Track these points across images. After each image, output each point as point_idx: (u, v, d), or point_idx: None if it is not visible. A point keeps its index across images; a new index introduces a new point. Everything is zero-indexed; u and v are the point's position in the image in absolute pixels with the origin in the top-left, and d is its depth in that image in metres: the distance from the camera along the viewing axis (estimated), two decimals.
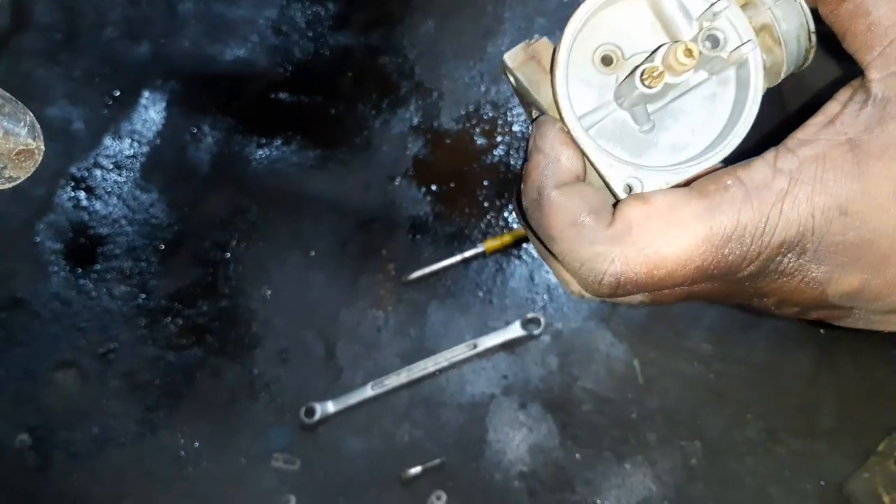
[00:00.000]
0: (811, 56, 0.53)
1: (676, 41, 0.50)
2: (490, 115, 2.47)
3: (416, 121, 2.48)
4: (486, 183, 2.36)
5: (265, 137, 2.53)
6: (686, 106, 0.53)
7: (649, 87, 0.49)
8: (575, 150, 0.50)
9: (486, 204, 2.33)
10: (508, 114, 2.46)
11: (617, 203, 0.48)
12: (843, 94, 0.47)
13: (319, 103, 2.57)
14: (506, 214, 2.31)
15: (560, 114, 0.51)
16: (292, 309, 2.25)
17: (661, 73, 0.49)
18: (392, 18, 2.64)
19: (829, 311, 0.51)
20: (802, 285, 0.48)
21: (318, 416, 2.10)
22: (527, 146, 0.52)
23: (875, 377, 2.02)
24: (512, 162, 2.39)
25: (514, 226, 2.28)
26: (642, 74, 0.49)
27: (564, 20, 0.52)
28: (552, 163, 0.49)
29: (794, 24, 0.51)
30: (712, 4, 0.51)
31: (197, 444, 2.14)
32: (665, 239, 0.45)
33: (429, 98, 2.50)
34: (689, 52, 0.48)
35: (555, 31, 2.56)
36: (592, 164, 0.51)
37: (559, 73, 0.51)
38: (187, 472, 2.11)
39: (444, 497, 1.99)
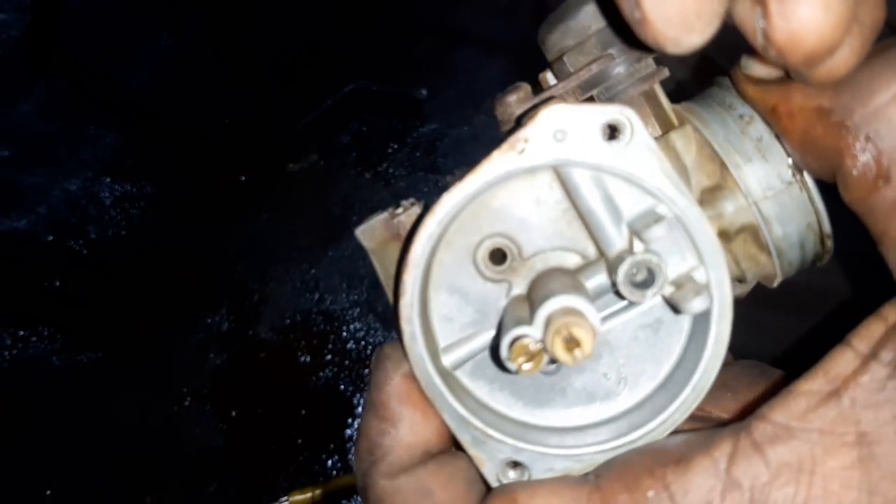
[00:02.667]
0: (825, 259, 0.37)
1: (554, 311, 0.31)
2: (321, 328, 2.06)
3: (225, 327, 2.01)
4: (303, 412, 1.88)
5: (23, 329, 1.95)
6: (614, 336, 0.34)
7: (517, 370, 0.30)
8: (425, 412, 0.33)
9: (299, 441, 1.82)
10: (344, 329, 2.06)
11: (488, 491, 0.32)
12: (867, 332, 0.27)
13: (105, 295, 2.06)
14: (324, 458, 1.81)
15: (403, 347, 0.33)
16: None
17: (539, 352, 0.30)
18: (218, 207, 2.26)
19: None
20: None
21: None
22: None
23: None
24: (342, 387, 1.95)
25: (335, 473, 1.78)
26: (512, 345, 0.30)
27: None
28: (387, 433, 0.32)
29: (795, 227, 0.35)
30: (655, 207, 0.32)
31: None
32: None
33: (247, 301, 2.07)
34: (569, 348, 0.29)
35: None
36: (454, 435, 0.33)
37: (408, 280, 0.32)
38: None
39: None
